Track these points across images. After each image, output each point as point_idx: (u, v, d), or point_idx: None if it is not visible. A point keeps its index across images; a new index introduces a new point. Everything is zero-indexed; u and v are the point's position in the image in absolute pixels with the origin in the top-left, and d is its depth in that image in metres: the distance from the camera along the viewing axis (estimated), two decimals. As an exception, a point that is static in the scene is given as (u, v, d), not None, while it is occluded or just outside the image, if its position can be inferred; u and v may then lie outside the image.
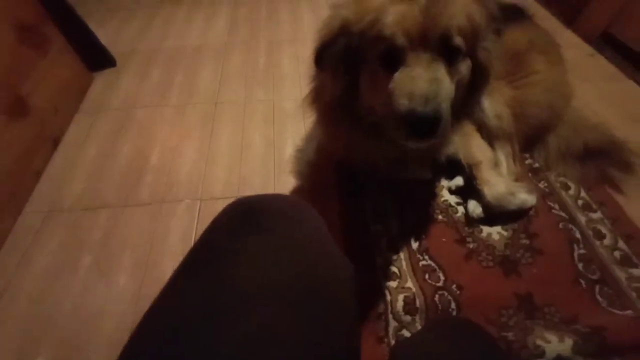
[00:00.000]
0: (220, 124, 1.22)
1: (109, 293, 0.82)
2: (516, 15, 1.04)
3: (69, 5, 1.29)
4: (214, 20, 1.74)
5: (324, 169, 1.06)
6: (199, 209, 0.98)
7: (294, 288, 0.33)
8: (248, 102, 1.30)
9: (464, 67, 0.61)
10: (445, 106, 0.55)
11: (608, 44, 1.46)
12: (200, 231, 0.96)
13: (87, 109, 1.29)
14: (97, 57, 1.41)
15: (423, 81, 0.54)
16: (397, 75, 0.57)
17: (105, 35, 1.57)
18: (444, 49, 0.57)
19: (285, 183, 1.03)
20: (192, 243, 0.90)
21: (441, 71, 0.56)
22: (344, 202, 0.97)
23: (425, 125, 0.54)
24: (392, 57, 0.58)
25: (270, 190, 1.02)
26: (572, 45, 1.49)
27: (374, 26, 0.58)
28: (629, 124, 1.15)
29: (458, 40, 0.57)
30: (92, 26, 1.43)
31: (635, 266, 0.83)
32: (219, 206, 1.03)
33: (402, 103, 0.55)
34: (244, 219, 0.38)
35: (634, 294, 0.78)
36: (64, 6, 1.26)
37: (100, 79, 1.41)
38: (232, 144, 1.15)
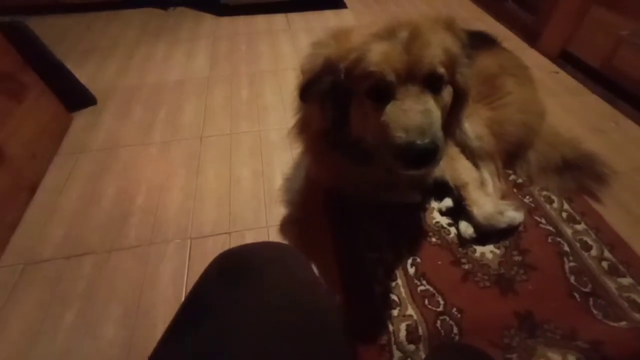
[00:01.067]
0: (207, 159, 1.21)
1: (96, 349, 0.77)
2: (486, 41, 1.11)
3: (46, 48, 1.28)
4: (194, 56, 1.76)
5: (314, 197, 1.06)
6: (190, 249, 0.95)
7: (285, 332, 0.36)
8: (234, 135, 1.30)
9: (447, 93, 0.66)
10: (440, 135, 0.58)
11: (568, 61, 1.57)
12: (193, 272, 0.93)
13: (67, 151, 1.25)
14: (77, 97, 1.39)
15: (416, 113, 0.57)
16: (389, 109, 0.60)
17: (83, 75, 1.57)
18: (429, 80, 0.61)
19: (276, 215, 1.02)
20: (184, 285, 0.87)
21: (430, 102, 0.60)
22: (337, 232, 0.96)
23: (424, 155, 0.55)
24: (381, 92, 0.61)
25: (262, 223, 1.00)
26: (538, 64, 1.59)
27: (360, 64, 0.61)
28: (594, 134, 1.22)
29: (442, 71, 0.61)
30: (71, 67, 1.42)
31: (623, 275, 0.85)
32: (210, 244, 1.00)
33: (399, 136, 0.57)
34: (231, 272, 0.40)
35: (625, 304, 0.80)
36: (41, 50, 1.25)
37: (81, 119, 1.38)
38: (220, 179, 1.14)
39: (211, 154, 1.23)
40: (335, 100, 0.67)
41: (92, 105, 1.43)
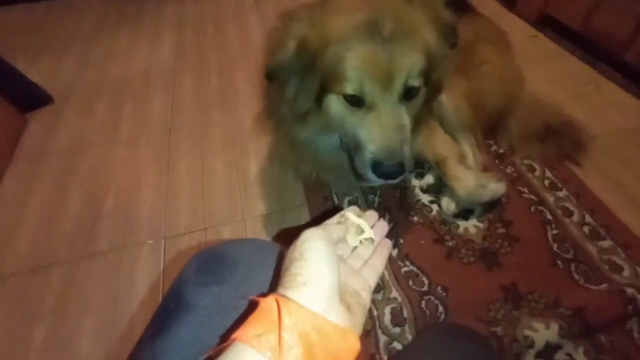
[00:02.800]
0: (178, 154, 1.14)
1: (71, 364, 0.73)
2: (460, 8, 1.05)
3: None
4: (158, 44, 1.65)
5: (292, 186, 1.02)
6: (164, 249, 0.91)
7: None
8: (205, 126, 1.23)
9: (420, 98, 0.64)
10: (408, 151, 0.59)
11: (547, 24, 1.53)
12: (169, 272, 0.89)
13: (24, 156, 1.17)
14: (29, 96, 1.29)
15: (390, 130, 0.58)
16: (365, 119, 0.59)
17: (38, 73, 1.45)
18: (406, 92, 0.59)
19: (253, 207, 0.98)
20: (160, 287, 0.84)
21: (404, 115, 0.60)
22: (318, 220, 0.93)
23: (391, 174, 0.58)
24: (357, 97, 0.59)
25: (238, 216, 0.96)
26: (516, 28, 1.54)
27: (338, 64, 0.57)
28: (574, 99, 1.20)
29: (418, 82, 0.59)
30: (23, 65, 1.32)
31: (604, 238, 0.85)
32: (186, 242, 0.96)
33: (371, 151, 0.58)
34: (207, 270, 0.41)
35: (605, 266, 0.80)
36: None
37: (37, 121, 1.29)
38: (192, 173, 1.08)
39: (182, 147, 1.17)
40: (308, 89, 0.63)
41: (48, 104, 1.33)
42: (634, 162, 1.00)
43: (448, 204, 0.91)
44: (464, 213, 0.91)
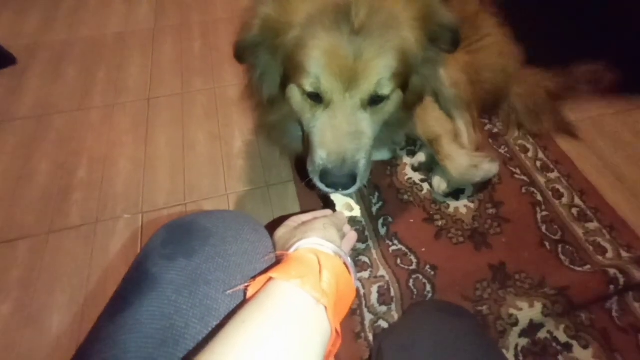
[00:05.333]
0: (156, 124, 1.07)
1: (42, 341, 0.69)
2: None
3: None
4: (135, 3, 1.51)
5: (279, 159, 0.97)
6: (142, 223, 0.86)
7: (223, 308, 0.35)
8: (186, 94, 1.15)
9: (391, 104, 0.58)
10: (363, 161, 0.54)
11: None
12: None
13: (-15, 121, 1.07)
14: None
15: (344, 135, 0.52)
16: (320, 118, 0.54)
17: (-1, 29, 1.31)
18: (370, 97, 0.53)
19: (237, 182, 0.93)
20: (139, 264, 0.79)
21: (364, 122, 0.54)
22: (305, 196, 0.89)
23: (340, 184, 0.54)
24: (316, 92, 0.53)
25: (221, 191, 0.91)
26: None
27: (298, 52, 0.51)
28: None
29: (388, 90, 0.53)
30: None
31: (591, 220, 0.85)
32: (165, 217, 0.91)
33: (320, 156, 0.53)
34: (176, 242, 0.39)
35: (590, 248, 0.81)
36: None
37: (-1, 83, 1.17)
38: (172, 145, 1.01)
39: (161, 117, 1.09)
40: (272, 74, 0.58)
41: (10, 65, 1.20)
42: (625, 144, 0.99)
43: (439, 183, 0.88)
44: (455, 193, 0.89)
